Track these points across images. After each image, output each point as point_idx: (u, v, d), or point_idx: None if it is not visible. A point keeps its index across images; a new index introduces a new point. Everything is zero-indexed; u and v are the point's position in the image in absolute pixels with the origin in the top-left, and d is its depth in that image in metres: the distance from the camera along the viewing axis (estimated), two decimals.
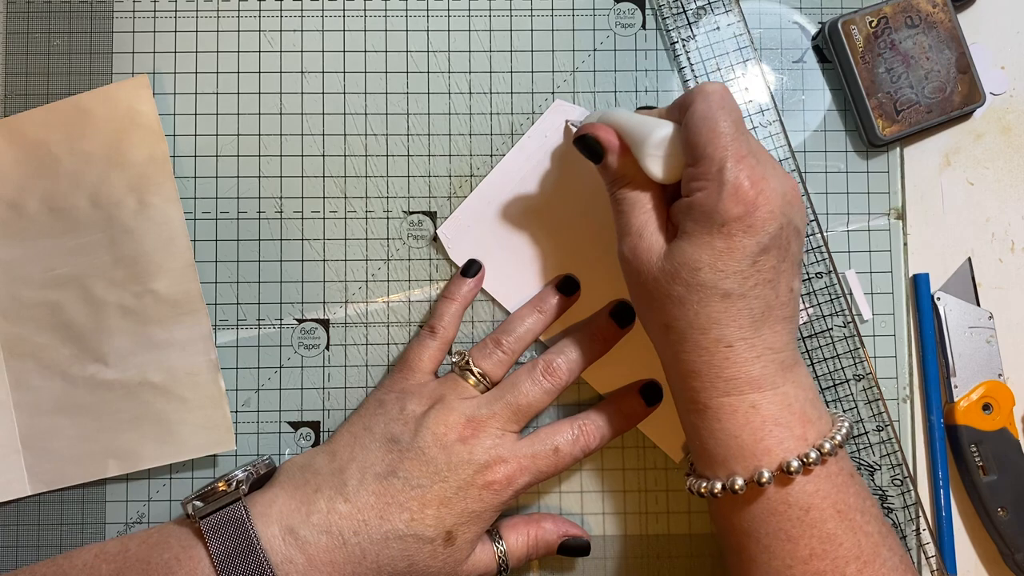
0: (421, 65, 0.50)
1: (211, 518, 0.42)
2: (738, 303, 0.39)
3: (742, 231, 0.38)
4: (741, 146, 0.39)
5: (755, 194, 0.38)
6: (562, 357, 0.46)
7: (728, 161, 0.39)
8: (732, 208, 0.38)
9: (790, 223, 0.40)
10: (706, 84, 0.41)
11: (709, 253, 0.39)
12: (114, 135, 0.48)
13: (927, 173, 0.51)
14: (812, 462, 0.39)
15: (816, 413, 0.41)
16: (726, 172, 0.38)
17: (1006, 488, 0.49)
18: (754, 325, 0.40)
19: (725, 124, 0.39)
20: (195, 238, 0.49)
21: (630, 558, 0.50)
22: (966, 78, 0.49)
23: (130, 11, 0.50)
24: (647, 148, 0.41)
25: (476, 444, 0.44)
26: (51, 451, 0.48)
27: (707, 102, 0.40)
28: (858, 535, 0.39)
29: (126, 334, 0.48)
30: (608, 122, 0.43)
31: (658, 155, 0.41)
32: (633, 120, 0.42)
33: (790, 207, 0.40)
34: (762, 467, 0.39)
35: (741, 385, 0.40)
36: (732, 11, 0.50)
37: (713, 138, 0.39)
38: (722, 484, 0.40)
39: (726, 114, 0.39)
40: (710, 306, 0.39)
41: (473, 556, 0.45)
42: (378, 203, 0.50)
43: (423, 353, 0.47)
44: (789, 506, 0.39)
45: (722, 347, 0.40)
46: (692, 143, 0.40)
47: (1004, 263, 0.51)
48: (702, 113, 0.39)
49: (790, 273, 0.41)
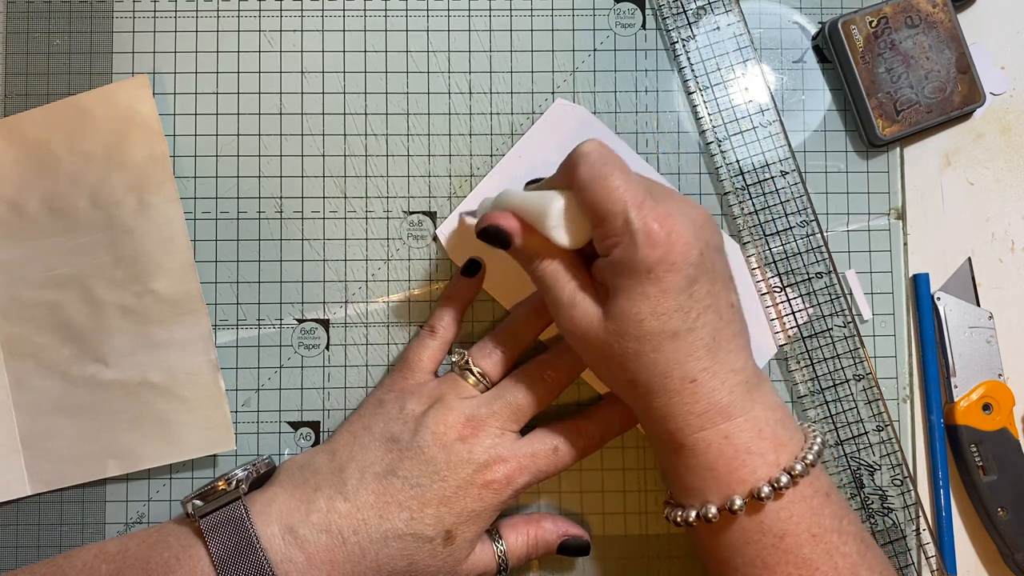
0: (421, 65, 0.50)
1: (211, 517, 0.42)
2: (688, 338, 0.40)
3: (667, 271, 0.39)
4: (636, 193, 0.39)
5: (667, 232, 0.39)
6: (562, 357, 0.46)
7: (630, 211, 0.39)
8: (650, 253, 0.39)
9: (708, 245, 0.40)
10: (582, 145, 0.41)
11: (646, 302, 0.39)
12: (114, 135, 0.48)
13: (927, 173, 0.51)
14: (783, 486, 0.39)
15: (787, 434, 0.41)
16: (632, 222, 0.39)
17: (1006, 488, 0.49)
18: (710, 353, 0.40)
19: (614, 178, 0.40)
20: (195, 238, 0.49)
21: (630, 558, 0.50)
22: (966, 78, 0.49)
23: (130, 11, 0.50)
24: (549, 221, 0.42)
25: (476, 443, 0.44)
26: (51, 451, 0.48)
27: (588, 163, 0.40)
28: (834, 557, 0.40)
29: (126, 334, 0.48)
30: (504, 207, 0.44)
31: (560, 225, 0.42)
32: (527, 199, 0.43)
33: (703, 231, 0.40)
34: (734, 495, 0.40)
35: (713, 416, 0.40)
36: (732, 11, 0.50)
37: (607, 195, 0.39)
38: (696, 512, 0.41)
39: (611, 168, 0.40)
40: (664, 351, 0.40)
41: (473, 555, 0.45)
42: (378, 203, 0.50)
43: (423, 353, 0.47)
44: (764, 534, 0.40)
45: (687, 383, 0.40)
46: (590, 206, 0.40)
47: (1004, 263, 0.51)
48: (589, 175, 0.40)
49: (725, 290, 0.41)
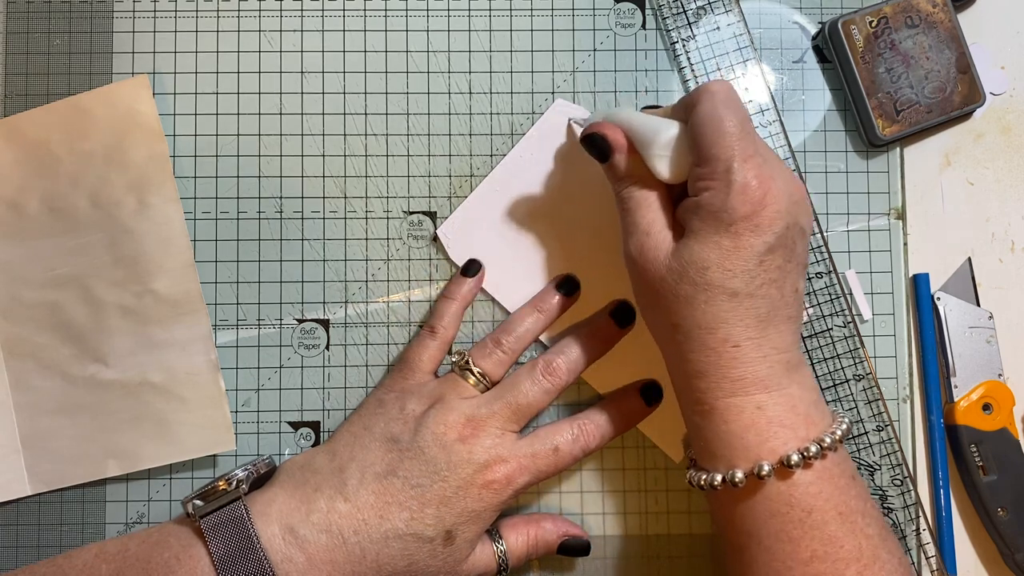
0: (421, 65, 0.50)
1: (211, 517, 0.42)
2: (745, 302, 0.39)
3: (749, 230, 0.39)
4: (747, 146, 0.39)
5: (762, 194, 0.39)
6: (562, 357, 0.46)
7: (735, 161, 0.39)
8: (739, 207, 0.38)
9: (796, 223, 0.40)
10: (711, 83, 0.41)
11: (717, 252, 0.39)
12: (114, 135, 0.48)
13: (927, 173, 0.51)
14: (812, 456, 0.39)
15: (819, 415, 0.41)
16: (733, 172, 0.39)
17: (1006, 488, 0.49)
18: (760, 325, 0.40)
19: (731, 124, 0.39)
20: (195, 238, 0.49)
21: (630, 558, 0.50)
22: (966, 78, 0.49)
23: (130, 11, 0.50)
24: (654, 148, 0.41)
25: (476, 443, 0.44)
26: (51, 451, 0.48)
27: (712, 101, 0.40)
28: (859, 537, 0.39)
29: (126, 334, 0.48)
30: (614, 121, 0.43)
31: (665, 155, 0.41)
32: (639, 120, 0.42)
33: (796, 207, 0.40)
34: (763, 461, 0.39)
35: (747, 385, 0.40)
36: (732, 11, 0.50)
37: (719, 138, 0.39)
38: (722, 477, 0.40)
39: (732, 113, 0.39)
40: (717, 305, 0.39)
41: (473, 556, 0.45)
42: (378, 203, 0.50)
43: (423, 353, 0.47)
44: (792, 507, 0.39)
45: (729, 347, 0.40)
46: (699, 143, 0.40)
47: (1004, 263, 0.51)
48: (708, 113, 0.39)
49: (795, 273, 0.41)
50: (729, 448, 0.40)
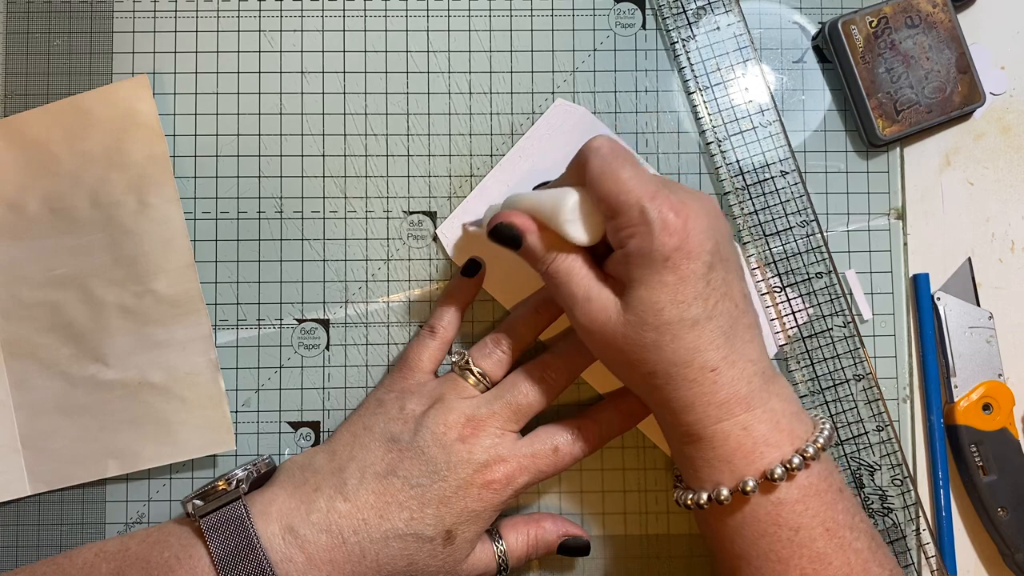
0: (421, 65, 0.50)
1: (211, 517, 0.42)
2: (708, 326, 0.40)
3: (685, 258, 0.39)
4: (648, 185, 0.40)
5: (683, 221, 0.39)
6: (562, 357, 0.46)
7: (644, 202, 0.39)
8: (668, 241, 0.39)
9: (721, 234, 0.41)
10: (592, 140, 0.41)
11: (665, 291, 0.40)
12: (114, 135, 0.48)
13: (927, 173, 0.51)
14: (795, 467, 0.40)
15: (801, 426, 0.41)
16: (648, 212, 0.39)
17: (1006, 488, 0.49)
18: (728, 342, 0.40)
19: (626, 171, 0.40)
20: (195, 238, 0.49)
21: (630, 558, 0.50)
22: (966, 78, 0.49)
23: (130, 11, 0.50)
24: (563, 215, 0.42)
25: (476, 443, 0.44)
26: (51, 451, 0.48)
27: (600, 157, 0.41)
28: (847, 553, 0.40)
29: (126, 334, 0.48)
30: (514, 208, 0.44)
31: (575, 219, 0.42)
32: (538, 197, 0.43)
33: (716, 220, 0.41)
34: (747, 477, 0.40)
35: (732, 407, 0.40)
36: (732, 11, 0.50)
37: (621, 187, 0.40)
38: (708, 495, 0.41)
39: (623, 162, 0.40)
40: (683, 339, 0.40)
41: (473, 555, 0.45)
42: (378, 203, 0.50)
43: (423, 353, 0.47)
44: (779, 527, 0.40)
45: (707, 372, 0.40)
46: (604, 199, 0.40)
47: (1004, 263, 0.51)
48: (600, 168, 0.40)
49: (738, 280, 0.42)
50: (718, 472, 0.41)
